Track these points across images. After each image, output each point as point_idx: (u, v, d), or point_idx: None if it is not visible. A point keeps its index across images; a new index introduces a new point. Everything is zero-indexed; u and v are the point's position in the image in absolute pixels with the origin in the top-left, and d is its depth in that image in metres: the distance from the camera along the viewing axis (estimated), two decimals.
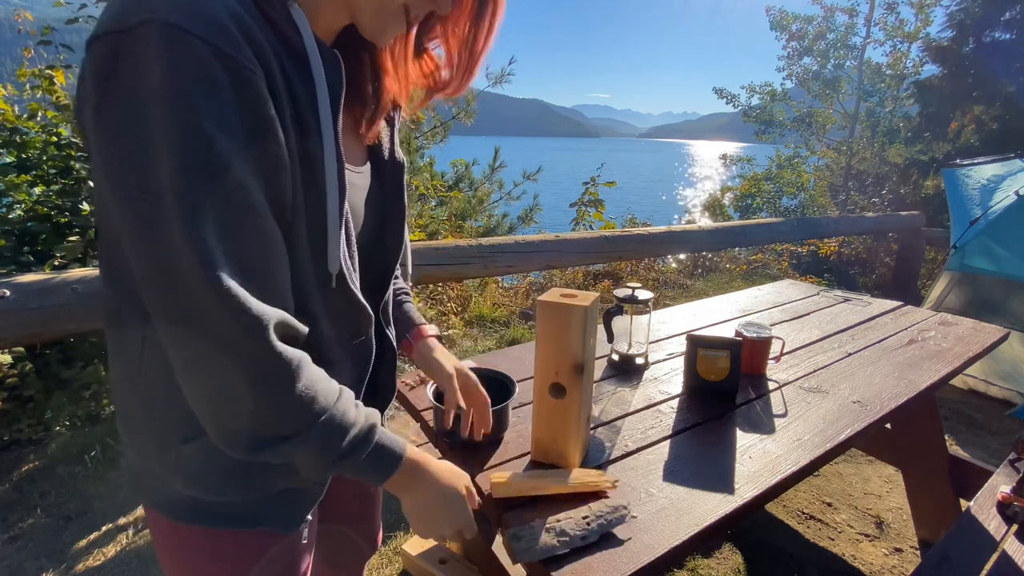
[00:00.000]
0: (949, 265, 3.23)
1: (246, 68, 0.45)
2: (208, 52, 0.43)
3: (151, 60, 0.41)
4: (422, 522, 0.68)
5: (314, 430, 0.53)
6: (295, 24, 0.52)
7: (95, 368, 2.47)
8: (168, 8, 0.41)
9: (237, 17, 0.46)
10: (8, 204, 2.51)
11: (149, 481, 0.63)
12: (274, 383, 0.50)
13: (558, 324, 0.84)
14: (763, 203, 7.79)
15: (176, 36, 0.41)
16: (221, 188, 0.45)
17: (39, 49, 2.66)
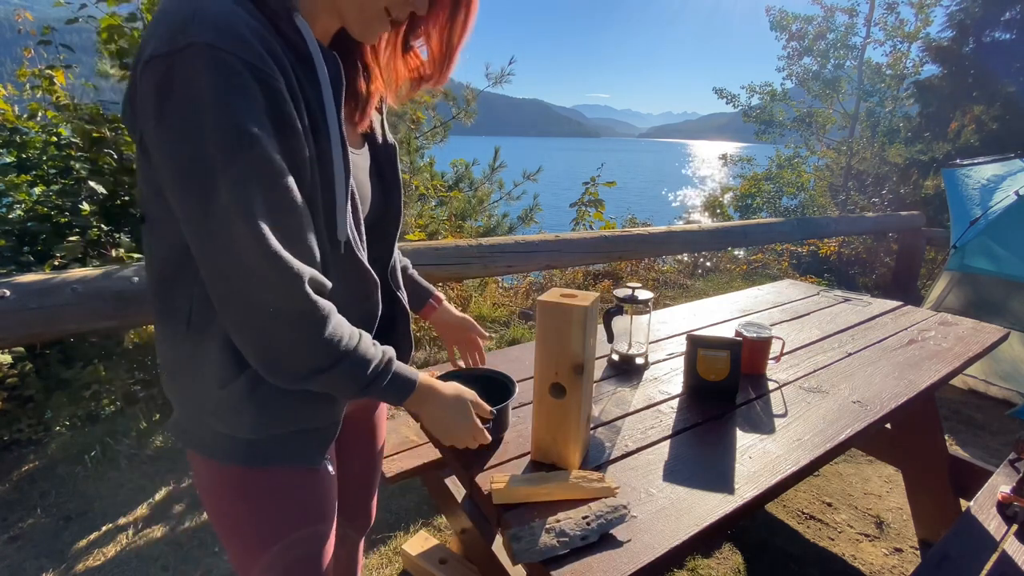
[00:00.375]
0: (949, 265, 3.23)
1: (270, 76, 0.56)
2: (240, 65, 0.54)
3: (199, 74, 0.52)
4: (439, 430, 0.83)
5: (342, 364, 0.65)
6: (299, 31, 0.62)
7: (95, 368, 2.47)
8: (206, 32, 0.52)
9: (257, 33, 0.56)
10: (8, 204, 2.51)
11: (194, 430, 0.74)
12: (310, 326, 0.62)
13: (558, 324, 0.84)
14: (763, 203, 7.79)
15: (215, 54, 0.52)
16: (260, 170, 0.56)
17: (39, 49, 2.66)
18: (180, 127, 0.54)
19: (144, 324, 1.71)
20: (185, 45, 0.52)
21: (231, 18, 0.54)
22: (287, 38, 0.61)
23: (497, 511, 0.82)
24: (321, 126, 0.63)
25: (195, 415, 0.73)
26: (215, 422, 0.71)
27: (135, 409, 2.49)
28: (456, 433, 0.84)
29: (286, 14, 0.61)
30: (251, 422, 0.70)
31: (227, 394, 0.68)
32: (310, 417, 0.76)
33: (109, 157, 2.68)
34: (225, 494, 0.76)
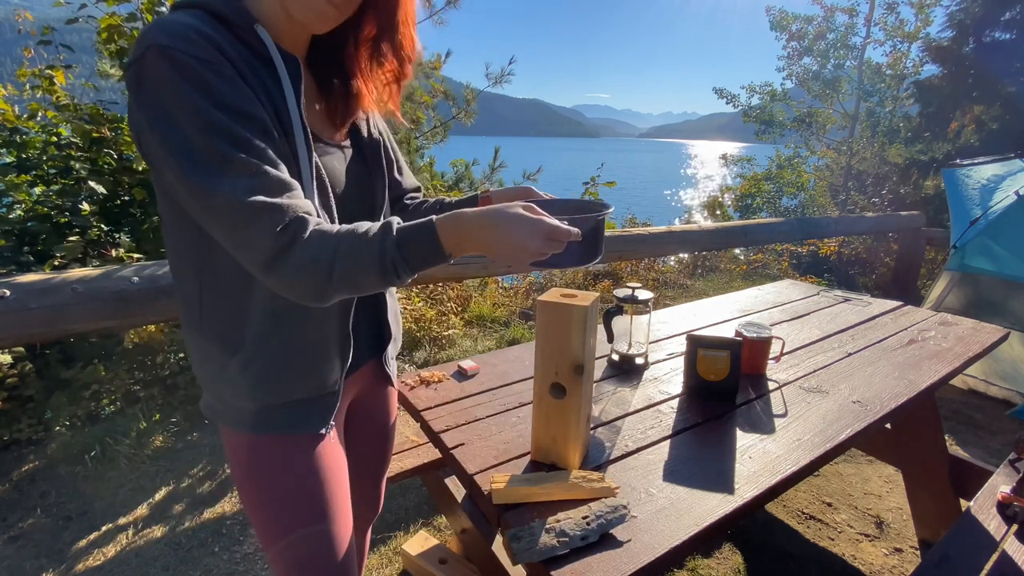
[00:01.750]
0: (949, 265, 3.23)
1: (218, 64, 0.64)
2: (187, 58, 0.62)
3: (158, 72, 0.62)
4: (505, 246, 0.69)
5: (343, 246, 0.67)
6: (260, 38, 0.71)
7: (95, 368, 2.47)
8: (159, 36, 0.62)
9: (206, 36, 0.64)
10: (8, 204, 2.51)
11: (219, 408, 0.83)
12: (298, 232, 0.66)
13: (558, 324, 0.84)
14: (763, 203, 7.79)
15: (167, 53, 0.62)
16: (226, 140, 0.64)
17: (39, 49, 2.66)
18: (154, 114, 0.63)
19: (144, 324, 1.71)
20: (144, 50, 0.62)
21: (180, 26, 0.64)
22: (250, 47, 0.70)
23: (497, 511, 0.82)
24: (284, 115, 0.71)
25: (215, 391, 0.82)
26: (228, 395, 0.80)
27: (135, 409, 2.49)
28: (525, 240, 0.68)
29: (247, 27, 0.70)
30: (258, 389, 0.79)
31: (239, 362, 0.78)
32: (306, 385, 0.83)
33: (109, 157, 2.68)
34: (242, 460, 0.84)
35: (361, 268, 0.68)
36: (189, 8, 0.68)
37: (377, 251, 0.67)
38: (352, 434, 1.06)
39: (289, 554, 0.87)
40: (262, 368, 0.79)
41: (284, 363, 0.80)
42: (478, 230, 0.69)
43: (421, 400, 1.17)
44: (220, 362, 0.79)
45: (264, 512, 0.86)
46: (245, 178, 0.64)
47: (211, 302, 0.77)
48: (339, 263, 0.67)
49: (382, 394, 1.09)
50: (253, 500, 0.86)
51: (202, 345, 0.80)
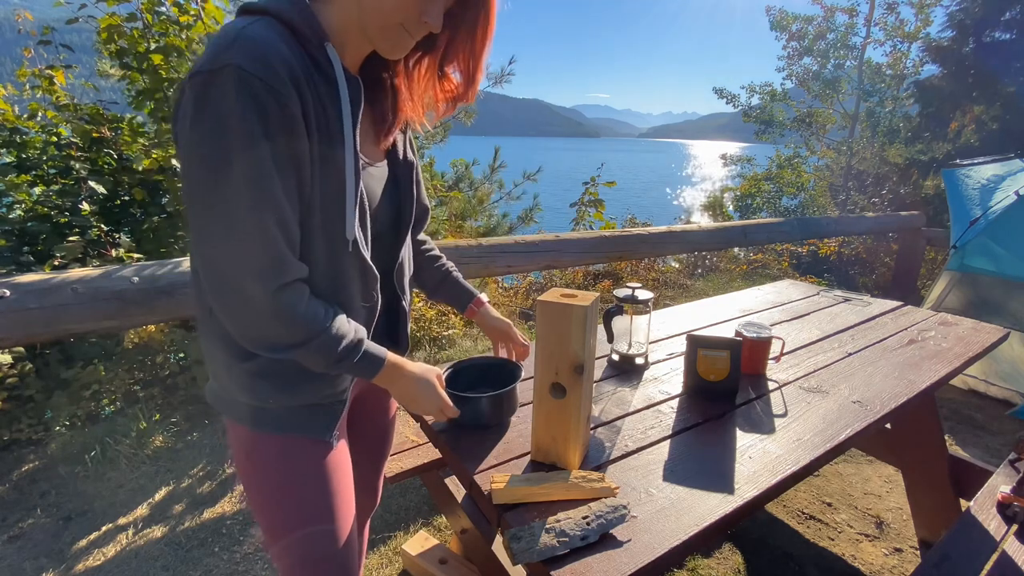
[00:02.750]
0: (949, 265, 3.23)
1: (285, 97, 0.66)
2: (262, 87, 0.64)
3: (228, 90, 0.63)
4: (408, 402, 0.90)
5: (314, 342, 0.74)
6: (329, 59, 0.73)
7: (95, 368, 2.47)
8: (240, 57, 0.63)
9: (285, 61, 0.66)
10: (8, 204, 2.51)
11: (224, 399, 0.86)
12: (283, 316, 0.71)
13: (558, 324, 0.84)
14: (763, 203, 7.79)
15: (243, 75, 0.63)
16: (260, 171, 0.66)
17: (39, 49, 2.66)
18: (208, 129, 0.64)
19: (144, 324, 1.71)
20: (222, 66, 0.62)
21: (264, 46, 0.65)
22: (318, 64, 0.72)
23: (497, 511, 0.82)
24: (338, 139, 0.73)
25: (225, 385, 0.84)
26: (239, 392, 0.82)
27: (135, 409, 2.49)
28: (422, 405, 0.90)
29: (318, 43, 0.72)
30: (266, 393, 0.81)
31: (247, 368, 0.80)
32: (316, 392, 0.85)
33: (109, 157, 2.69)
34: (247, 456, 0.86)
35: (317, 358, 0.76)
36: (261, 15, 0.69)
37: (339, 356, 0.77)
38: (353, 430, 1.07)
39: (292, 553, 0.87)
40: (273, 374, 0.81)
41: (297, 371, 0.81)
42: (401, 385, 0.87)
43: None
44: (229, 364, 0.81)
45: (268, 510, 0.87)
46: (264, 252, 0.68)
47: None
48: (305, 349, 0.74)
49: (384, 394, 1.11)
50: (257, 496, 0.88)
51: (213, 345, 0.82)
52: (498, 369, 1.15)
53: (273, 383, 0.81)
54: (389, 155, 0.92)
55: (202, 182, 0.66)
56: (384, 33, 0.74)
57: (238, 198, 0.65)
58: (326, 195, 0.74)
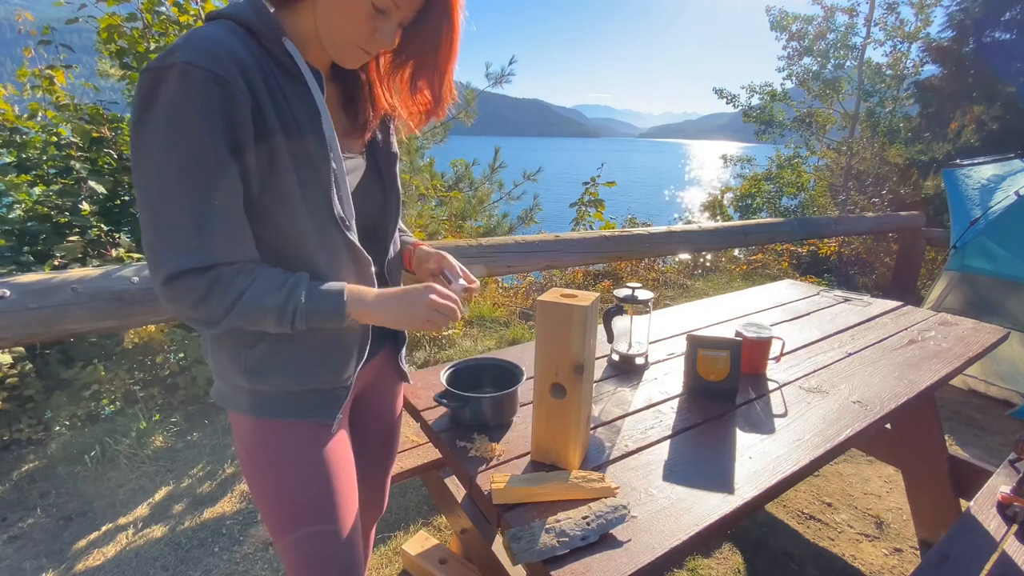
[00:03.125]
0: (949, 265, 3.23)
1: (231, 85, 0.67)
2: (207, 76, 0.65)
3: (174, 83, 0.65)
4: (395, 320, 0.82)
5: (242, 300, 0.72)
6: (288, 53, 0.74)
7: (95, 368, 2.47)
8: (187, 53, 0.65)
9: (232, 54, 0.68)
10: (8, 204, 2.51)
11: (229, 395, 0.86)
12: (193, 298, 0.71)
13: (558, 324, 0.84)
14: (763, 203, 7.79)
15: (188, 68, 0.65)
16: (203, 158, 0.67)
17: (39, 49, 2.66)
18: (152, 120, 0.66)
19: (144, 324, 1.71)
20: (167, 64, 0.65)
21: (212, 42, 0.67)
22: (277, 60, 0.73)
23: (497, 511, 0.82)
24: (306, 127, 0.75)
25: (227, 377, 0.84)
26: (244, 380, 0.82)
27: (135, 409, 2.49)
28: (417, 318, 0.82)
29: (275, 39, 0.73)
30: (272, 378, 0.82)
31: (254, 354, 0.81)
32: (321, 377, 0.85)
33: (109, 157, 2.69)
34: (250, 445, 0.86)
35: (261, 312, 0.74)
36: (220, 20, 0.72)
37: (281, 303, 0.74)
38: (358, 430, 1.07)
39: (296, 548, 0.88)
40: (280, 358, 0.82)
41: (304, 355, 0.83)
42: (385, 310, 0.81)
43: (421, 400, 1.17)
44: (235, 353, 0.81)
45: (271, 498, 0.87)
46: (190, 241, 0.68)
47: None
48: (241, 304, 0.72)
49: (391, 389, 1.11)
50: (260, 485, 0.88)
51: (218, 336, 0.83)
52: (499, 369, 1.16)
53: (279, 367, 0.82)
54: (371, 147, 0.93)
55: (146, 170, 0.67)
56: (337, 47, 0.77)
57: (176, 184, 0.66)
58: (304, 183, 0.75)
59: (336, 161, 0.78)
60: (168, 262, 0.69)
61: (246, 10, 0.73)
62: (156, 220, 0.68)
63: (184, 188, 0.67)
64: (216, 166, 0.68)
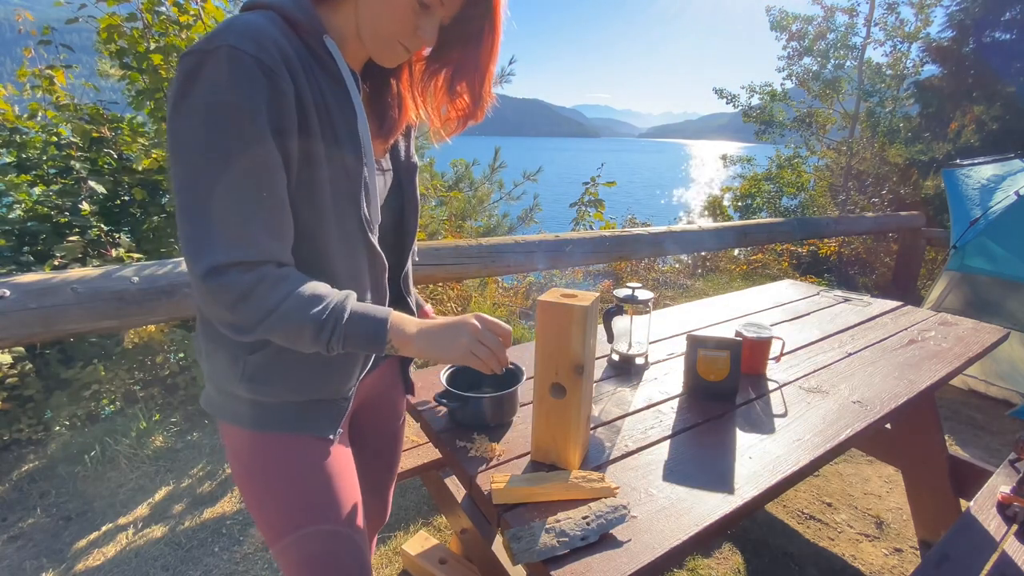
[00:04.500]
0: (949, 265, 3.23)
1: (275, 74, 0.65)
2: (252, 62, 0.63)
3: (220, 66, 0.63)
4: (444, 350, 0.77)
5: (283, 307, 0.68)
6: (328, 51, 0.72)
7: (95, 368, 2.47)
8: (232, 37, 0.63)
9: (276, 43, 0.66)
10: (8, 204, 2.51)
11: (221, 403, 0.83)
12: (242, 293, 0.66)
13: (558, 324, 0.84)
14: (763, 203, 7.79)
15: (234, 52, 0.63)
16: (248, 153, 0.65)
17: (39, 49, 2.66)
18: (194, 104, 0.63)
19: (144, 324, 1.71)
20: (212, 47, 0.63)
21: (256, 29, 0.65)
22: (318, 57, 0.71)
23: (497, 511, 0.82)
24: (342, 128, 0.73)
25: (223, 385, 0.81)
26: (242, 388, 0.79)
27: (135, 409, 2.49)
28: (456, 346, 0.77)
29: (316, 36, 0.71)
30: (272, 388, 0.79)
31: (254, 360, 0.77)
32: (322, 388, 0.83)
33: (109, 157, 2.69)
34: (245, 458, 0.83)
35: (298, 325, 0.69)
36: (260, 9, 0.69)
37: (323, 319, 0.70)
38: (360, 440, 1.05)
39: (296, 553, 0.86)
40: (281, 366, 0.79)
41: (308, 364, 0.80)
42: (416, 343, 0.76)
43: (421, 400, 1.17)
44: (234, 357, 0.78)
45: (268, 511, 0.85)
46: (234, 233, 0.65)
47: None
48: (281, 311, 0.68)
49: (395, 398, 1.10)
50: (257, 499, 0.85)
51: (216, 337, 0.79)
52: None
53: (280, 376, 0.79)
54: (392, 157, 0.92)
55: (186, 155, 0.64)
56: (378, 43, 0.75)
57: (220, 172, 0.64)
58: (336, 184, 0.74)
59: (368, 166, 0.77)
60: (211, 254, 0.64)
61: (288, 2, 0.70)
62: (198, 209, 0.64)
63: (229, 177, 0.64)
64: (263, 156, 0.65)
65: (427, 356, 0.77)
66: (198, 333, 0.85)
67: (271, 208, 0.68)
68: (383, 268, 0.86)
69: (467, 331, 0.77)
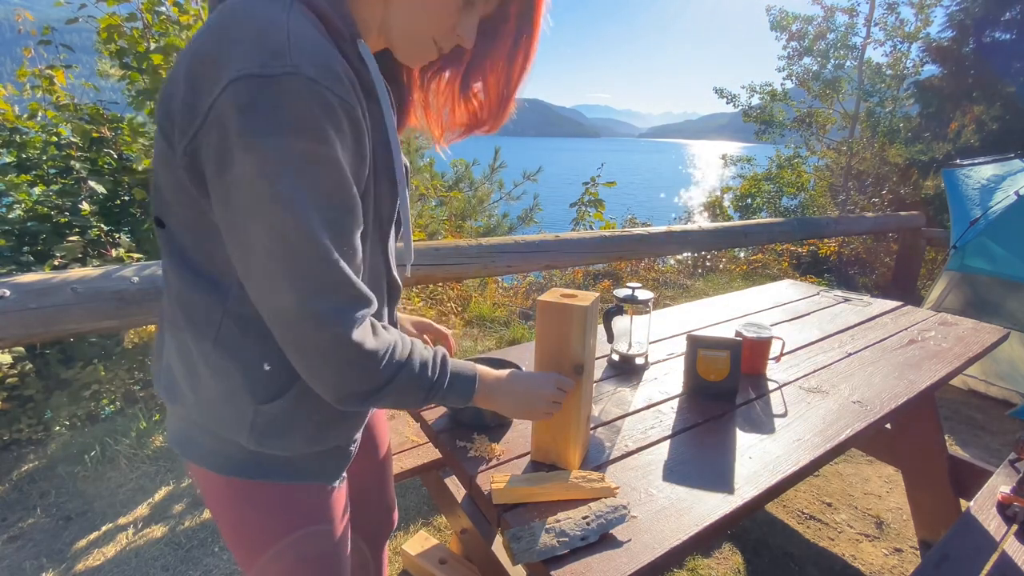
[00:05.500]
0: (949, 265, 3.23)
1: (354, 110, 0.58)
2: (336, 101, 0.55)
3: (297, 100, 0.52)
4: (520, 412, 0.81)
5: (400, 375, 0.65)
6: (364, 61, 0.62)
7: (95, 368, 2.47)
8: (306, 65, 0.53)
9: (343, 67, 0.57)
10: (8, 204, 2.51)
11: (207, 444, 0.71)
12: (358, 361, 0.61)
13: (558, 324, 0.84)
14: (763, 203, 7.79)
15: (315, 88, 0.53)
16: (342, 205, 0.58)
17: (39, 49, 2.66)
18: (268, 146, 0.52)
19: (144, 324, 1.71)
20: (283, 72, 0.52)
21: (325, 52, 0.56)
22: (351, 62, 0.60)
23: (497, 511, 0.82)
24: (381, 152, 0.65)
25: (214, 429, 0.70)
26: (243, 436, 0.68)
27: (135, 409, 2.49)
28: (532, 411, 0.81)
29: (351, 39, 0.61)
30: (286, 440, 0.70)
31: (269, 411, 0.67)
32: (340, 436, 0.77)
33: (109, 157, 2.69)
34: (241, 509, 0.75)
35: (414, 387, 0.67)
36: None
37: (430, 384, 0.69)
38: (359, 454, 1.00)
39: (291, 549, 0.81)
40: (298, 420, 0.70)
41: (325, 413, 0.71)
42: (496, 399, 0.78)
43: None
44: (239, 405, 0.67)
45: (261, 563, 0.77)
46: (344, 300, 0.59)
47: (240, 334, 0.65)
48: (407, 368, 0.66)
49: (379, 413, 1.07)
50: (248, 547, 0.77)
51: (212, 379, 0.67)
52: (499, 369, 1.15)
53: (295, 428, 0.70)
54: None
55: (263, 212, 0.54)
56: (409, 41, 0.67)
57: (310, 229, 0.55)
58: (377, 217, 0.68)
59: (402, 196, 0.70)
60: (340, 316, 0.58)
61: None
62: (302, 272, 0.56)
63: (325, 234, 0.56)
64: (353, 210, 0.59)
65: (501, 411, 0.80)
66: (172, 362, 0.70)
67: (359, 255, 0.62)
68: (398, 296, 0.83)
69: (545, 401, 0.80)
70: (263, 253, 0.55)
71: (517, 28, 0.69)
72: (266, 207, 0.53)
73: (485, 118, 0.79)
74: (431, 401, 0.70)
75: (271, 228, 0.54)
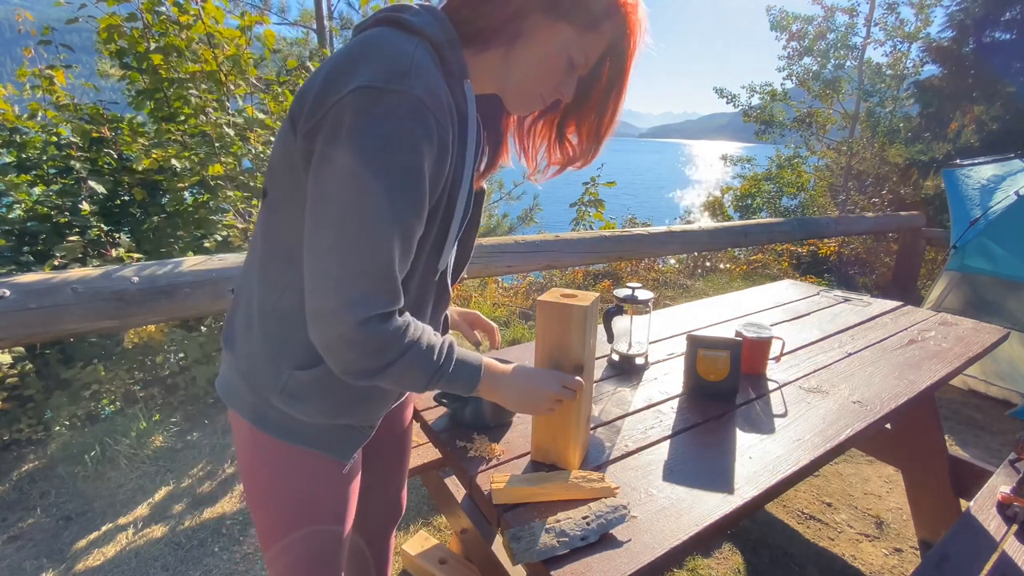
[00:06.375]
0: (949, 265, 3.23)
1: (446, 135, 0.67)
2: (433, 123, 0.64)
3: (404, 114, 0.62)
4: (524, 406, 0.83)
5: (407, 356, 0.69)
6: (466, 97, 0.72)
7: (95, 368, 2.47)
8: (419, 88, 0.63)
9: (448, 98, 0.68)
10: (8, 204, 2.51)
11: (248, 396, 0.80)
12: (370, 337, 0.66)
13: (558, 324, 0.84)
14: (763, 203, 7.79)
15: (420, 106, 0.63)
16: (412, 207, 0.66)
17: (39, 49, 2.66)
18: (369, 147, 0.62)
19: (144, 324, 1.71)
20: (400, 90, 0.62)
21: (437, 83, 0.66)
22: (455, 96, 0.71)
23: (497, 511, 0.82)
24: (457, 175, 0.73)
25: (255, 384, 0.79)
26: (277, 398, 0.77)
27: (135, 409, 2.49)
28: (536, 406, 0.84)
29: (460, 77, 0.72)
30: (312, 408, 0.78)
31: (303, 378, 0.76)
32: (360, 415, 0.83)
33: (109, 157, 2.69)
34: (257, 458, 0.83)
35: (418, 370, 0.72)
36: (418, 36, 0.68)
37: (438, 365, 0.73)
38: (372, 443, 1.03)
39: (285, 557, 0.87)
40: (325, 390, 0.77)
41: (350, 390, 0.79)
42: (499, 392, 0.81)
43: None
44: (277, 367, 0.76)
45: (272, 512, 0.85)
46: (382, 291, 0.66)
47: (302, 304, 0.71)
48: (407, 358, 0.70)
49: (404, 404, 1.10)
50: (262, 497, 0.86)
51: (269, 339, 0.77)
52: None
53: (320, 397, 0.78)
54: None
55: (347, 194, 0.63)
56: (520, 94, 0.78)
57: (388, 221, 0.64)
58: (437, 231, 0.75)
59: (463, 214, 0.78)
60: (366, 303, 0.65)
61: (440, 36, 0.70)
62: (354, 251, 0.64)
63: (393, 229, 0.64)
64: (421, 215, 0.67)
65: (504, 404, 0.83)
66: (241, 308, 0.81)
67: (408, 259, 0.70)
68: (447, 305, 0.89)
69: (548, 398, 0.83)
70: (330, 226, 0.64)
71: (608, 84, 0.79)
72: (351, 194, 0.62)
73: (577, 157, 0.88)
74: (435, 385, 0.74)
75: (344, 210, 0.63)
